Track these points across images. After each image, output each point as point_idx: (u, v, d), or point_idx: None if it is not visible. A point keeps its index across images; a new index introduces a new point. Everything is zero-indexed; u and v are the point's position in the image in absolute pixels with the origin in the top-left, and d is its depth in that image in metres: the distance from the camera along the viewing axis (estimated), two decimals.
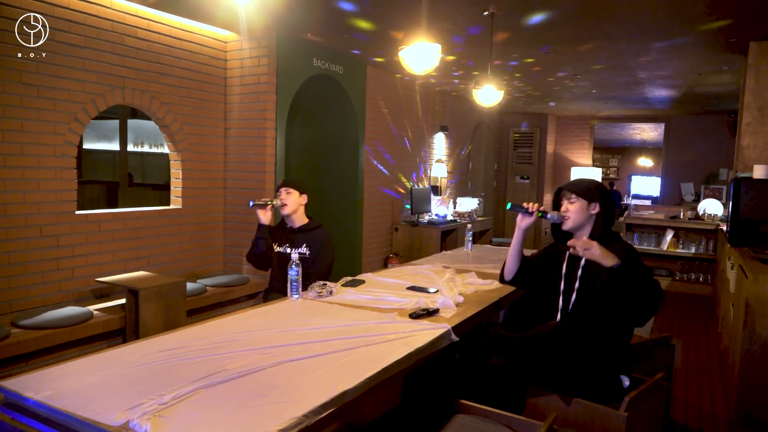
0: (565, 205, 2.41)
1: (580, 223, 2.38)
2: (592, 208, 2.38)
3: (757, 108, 4.60)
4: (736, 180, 4.45)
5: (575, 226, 2.39)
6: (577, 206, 2.38)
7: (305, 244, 3.28)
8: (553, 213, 2.45)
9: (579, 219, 2.38)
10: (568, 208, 2.40)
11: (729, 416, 3.33)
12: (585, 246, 2.12)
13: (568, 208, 2.39)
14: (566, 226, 2.40)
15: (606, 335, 2.23)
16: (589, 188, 2.40)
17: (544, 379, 2.23)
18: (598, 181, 2.51)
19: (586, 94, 7.77)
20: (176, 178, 4.72)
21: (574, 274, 2.38)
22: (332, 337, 2.10)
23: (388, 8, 4.06)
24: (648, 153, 16.33)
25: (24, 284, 3.59)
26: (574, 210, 2.38)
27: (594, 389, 2.16)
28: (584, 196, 2.37)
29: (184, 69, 4.57)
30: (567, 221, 2.40)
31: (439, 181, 8.01)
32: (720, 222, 6.71)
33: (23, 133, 3.51)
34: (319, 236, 3.31)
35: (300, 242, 3.29)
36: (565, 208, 2.41)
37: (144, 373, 1.72)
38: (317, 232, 3.33)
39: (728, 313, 4.11)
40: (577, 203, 2.38)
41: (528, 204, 2.49)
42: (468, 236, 4.45)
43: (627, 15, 4.07)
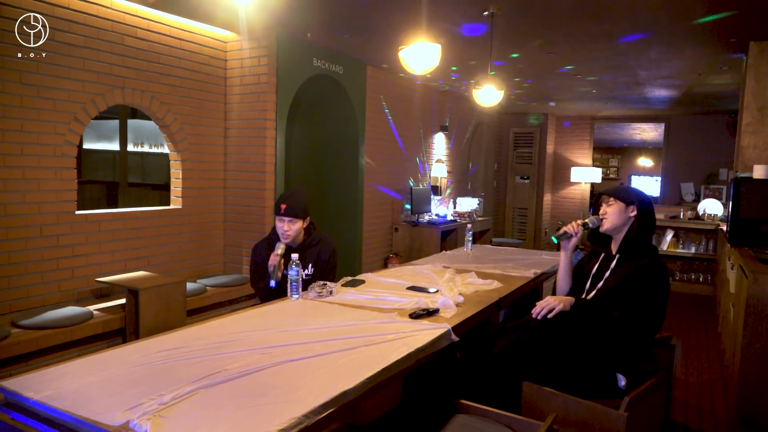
0: (603, 207, 2.48)
1: (617, 225, 2.44)
2: (630, 211, 2.42)
3: (757, 108, 4.60)
4: (736, 180, 4.45)
5: (612, 227, 2.45)
6: (614, 208, 2.43)
7: (311, 263, 3.03)
8: (591, 218, 2.52)
9: (616, 221, 2.43)
10: (606, 210, 2.46)
11: (729, 416, 3.33)
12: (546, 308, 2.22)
13: (606, 210, 2.46)
14: (603, 227, 2.47)
15: (607, 332, 2.24)
16: (627, 191, 2.47)
17: (540, 372, 2.24)
18: (641, 191, 2.58)
19: (586, 94, 7.77)
20: (176, 178, 4.72)
21: (602, 275, 2.44)
22: (332, 337, 2.10)
23: (389, 8, 4.06)
24: (648, 153, 16.32)
25: (24, 284, 3.59)
26: (611, 212, 2.44)
27: (588, 385, 2.17)
28: (621, 198, 2.43)
29: (184, 69, 4.57)
30: (604, 222, 2.46)
31: (439, 181, 8.01)
32: (720, 222, 6.71)
33: (23, 133, 3.51)
34: (324, 250, 3.06)
35: (305, 262, 3.00)
36: (603, 210, 2.47)
37: (144, 373, 1.72)
38: (320, 247, 3.06)
39: (728, 313, 4.10)
40: (615, 205, 2.44)
41: (568, 227, 2.56)
42: (468, 236, 4.45)
43: (627, 15, 4.07)
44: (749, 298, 3.08)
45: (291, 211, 2.90)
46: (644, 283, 2.26)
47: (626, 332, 2.23)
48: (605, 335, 2.24)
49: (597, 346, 2.25)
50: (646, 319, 2.24)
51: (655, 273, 2.28)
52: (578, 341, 2.26)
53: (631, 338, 2.25)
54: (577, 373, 2.20)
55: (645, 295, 2.25)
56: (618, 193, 2.45)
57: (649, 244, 2.43)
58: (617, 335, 2.24)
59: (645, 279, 2.27)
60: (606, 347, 2.24)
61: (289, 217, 2.91)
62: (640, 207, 2.42)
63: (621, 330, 2.23)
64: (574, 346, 2.26)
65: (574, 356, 2.24)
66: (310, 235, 3.07)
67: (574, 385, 2.18)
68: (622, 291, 2.29)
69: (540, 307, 2.26)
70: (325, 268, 3.04)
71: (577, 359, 2.23)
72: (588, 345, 2.25)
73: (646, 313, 2.24)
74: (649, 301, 2.24)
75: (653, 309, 2.25)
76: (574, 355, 2.24)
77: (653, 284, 2.27)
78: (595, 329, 2.25)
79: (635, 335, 2.25)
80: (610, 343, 2.25)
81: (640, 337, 2.26)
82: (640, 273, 2.29)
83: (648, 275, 2.28)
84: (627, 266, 2.36)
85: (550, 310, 2.23)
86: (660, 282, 2.29)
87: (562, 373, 2.21)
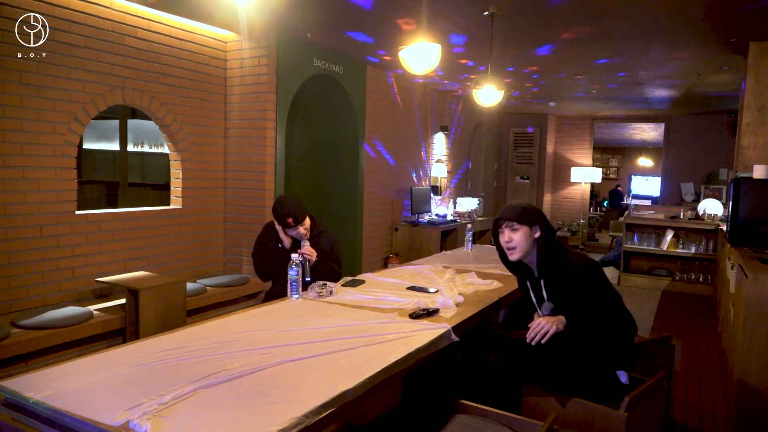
0: (507, 233, 2.33)
1: (528, 250, 2.32)
2: (534, 232, 2.31)
3: (757, 108, 4.60)
4: (736, 180, 4.45)
5: (523, 255, 2.33)
6: (520, 234, 2.31)
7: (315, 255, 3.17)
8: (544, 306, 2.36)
9: (524, 246, 2.31)
10: (511, 237, 2.32)
11: (729, 416, 3.33)
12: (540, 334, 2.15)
13: (512, 237, 2.32)
14: (513, 256, 2.34)
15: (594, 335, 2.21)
16: (528, 212, 2.32)
17: (541, 377, 2.24)
18: (527, 201, 2.46)
19: (586, 94, 7.78)
20: (176, 178, 4.72)
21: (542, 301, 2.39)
22: (332, 337, 2.10)
23: (388, 8, 4.06)
24: (648, 153, 16.33)
25: (24, 284, 3.59)
26: (518, 238, 2.31)
27: (591, 387, 2.16)
28: (524, 222, 2.30)
29: (184, 69, 4.57)
30: (513, 252, 2.33)
31: (439, 181, 8.01)
32: (720, 222, 6.71)
33: (23, 133, 3.51)
34: (326, 240, 3.24)
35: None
36: (508, 237, 2.33)
37: (144, 373, 1.72)
38: (323, 238, 3.25)
39: (728, 313, 4.10)
40: (521, 230, 2.30)
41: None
42: (468, 236, 4.45)
43: (627, 15, 4.07)
44: (749, 298, 3.07)
45: (298, 218, 3.11)
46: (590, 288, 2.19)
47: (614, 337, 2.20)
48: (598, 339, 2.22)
49: (593, 348, 2.22)
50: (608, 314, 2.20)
51: (587, 276, 2.21)
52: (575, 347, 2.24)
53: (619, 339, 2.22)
54: (577, 376, 2.19)
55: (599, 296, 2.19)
56: (520, 217, 2.30)
57: (559, 250, 2.32)
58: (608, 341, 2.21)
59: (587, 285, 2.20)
60: (602, 348, 2.22)
61: (301, 225, 3.13)
62: (543, 226, 2.31)
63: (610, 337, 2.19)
64: (571, 352, 2.24)
65: (573, 361, 2.22)
66: (314, 227, 3.27)
67: (576, 388, 2.17)
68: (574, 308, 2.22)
69: (534, 332, 2.18)
70: (329, 255, 3.21)
71: (575, 364, 2.21)
72: (584, 349, 2.23)
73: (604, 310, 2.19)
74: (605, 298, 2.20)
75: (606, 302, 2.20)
76: (572, 361, 2.22)
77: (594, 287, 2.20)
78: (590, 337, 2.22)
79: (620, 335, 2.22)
80: (605, 344, 2.23)
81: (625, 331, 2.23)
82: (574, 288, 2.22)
83: (583, 284, 2.20)
84: (556, 286, 2.29)
85: (545, 334, 2.16)
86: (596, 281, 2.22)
87: (562, 377, 2.20)
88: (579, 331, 2.19)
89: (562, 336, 2.19)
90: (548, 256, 2.30)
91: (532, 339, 2.18)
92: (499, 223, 2.38)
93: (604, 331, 2.19)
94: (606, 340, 2.20)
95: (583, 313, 2.19)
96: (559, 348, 2.23)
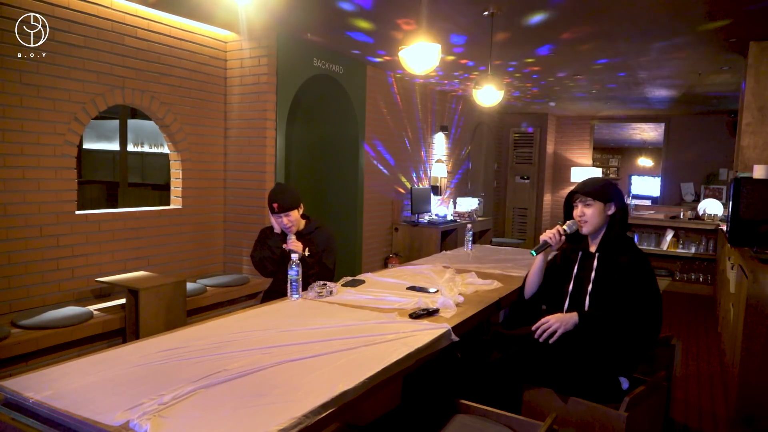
0: (581, 208, 2.34)
1: (598, 226, 2.33)
2: (608, 209, 2.32)
3: (757, 108, 4.60)
4: (736, 180, 4.45)
5: (593, 230, 2.34)
6: (593, 209, 2.31)
7: (308, 248, 3.22)
8: (569, 224, 2.38)
9: (596, 222, 2.32)
10: (584, 212, 2.33)
11: (729, 416, 3.33)
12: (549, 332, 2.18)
13: (584, 212, 2.33)
14: (585, 230, 2.35)
15: (609, 337, 2.21)
16: (604, 188, 2.33)
17: (543, 377, 2.23)
18: (609, 179, 2.47)
19: (586, 94, 7.77)
20: (176, 178, 4.72)
21: (586, 276, 2.34)
22: (332, 337, 2.10)
23: (388, 8, 4.06)
24: (648, 153, 16.32)
25: (24, 284, 3.59)
26: (590, 213, 2.32)
27: (592, 390, 2.16)
28: (600, 198, 2.31)
29: (184, 69, 4.57)
30: (585, 225, 2.33)
31: (439, 181, 8.01)
32: (720, 222, 6.71)
33: (23, 133, 3.51)
34: (321, 236, 3.28)
35: (303, 246, 3.22)
36: (581, 212, 2.34)
37: (144, 373, 1.72)
38: (318, 234, 3.29)
39: (728, 313, 4.10)
40: (594, 206, 2.31)
41: (549, 237, 2.41)
42: (468, 236, 4.45)
43: (627, 15, 4.07)
44: (749, 298, 3.07)
45: (283, 206, 3.12)
46: (636, 280, 2.20)
47: (636, 334, 2.18)
48: (609, 341, 2.20)
49: (600, 351, 2.22)
50: (651, 315, 2.19)
51: (643, 267, 2.22)
52: (580, 348, 2.24)
53: (641, 339, 2.20)
54: (579, 379, 2.18)
55: (642, 292, 2.19)
56: (596, 192, 2.32)
57: (628, 238, 2.36)
58: (626, 340, 2.19)
59: (636, 275, 2.21)
60: (609, 352, 2.22)
61: (284, 212, 3.12)
62: (618, 204, 2.32)
63: (632, 334, 2.17)
64: (577, 353, 2.24)
65: (576, 362, 2.22)
66: (309, 223, 3.30)
67: (577, 388, 2.17)
68: (615, 292, 2.23)
69: (542, 330, 2.19)
70: (323, 250, 3.23)
71: (579, 365, 2.21)
72: (590, 351, 2.22)
73: (649, 309, 2.18)
74: (647, 296, 2.19)
75: (654, 302, 2.20)
76: (576, 361, 2.22)
77: (644, 278, 2.20)
78: (601, 339, 2.20)
79: (643, 335, 2.20)
80: (612, 348, 2.21)
81: (648, 335, 2.21)
82: (628, 271, 2.22)
83: (637, 271, 2.21)
84: (610, 265, 2.29)
85: (553, 333, 2.17)
86: (649, 274, 2.23)
87: (564, 379, 2.20)
88: (609, 317, 2.18)
89: (571, 333, 2.19)
90: (615, 236, 2.30)
91: (539, 336, 2.18)
92: (574, 197, 2.39)
93: (633, 324, 2.17)
94: (630, 335, 2.18)
95: (623, 300, 2.18)
96: (565, 346, 2.23)
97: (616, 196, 2.32)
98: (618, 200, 2.33)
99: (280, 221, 3.15)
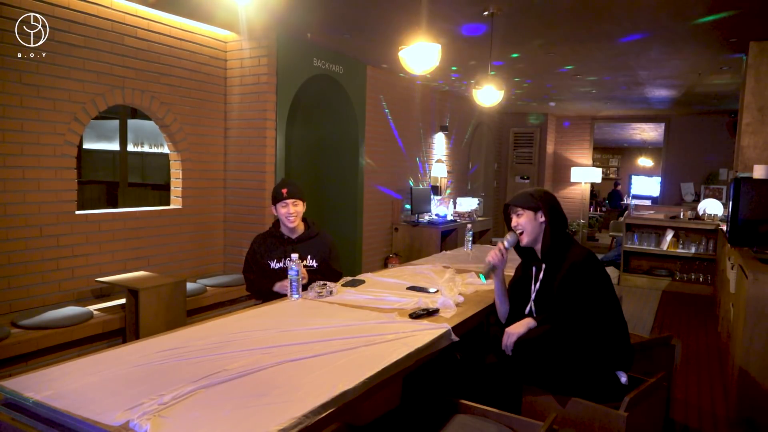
0: (514, 219, 2.40)
1: (535, 235, 2.37)
2: (540, 217, 2.35)
3: (757, 108, 4.60)
4: (736, 180, 4.45)
5: (532, 239, 2.37)
6: (524, 218, 2.36)
7: (310, 255, 3.06)
8: (508, 239, 2.42)
9: (530, 230, 2.36)
10: (517, 222, 2.39)
11: (729, 416, 3.33)
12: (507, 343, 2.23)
13: (518, 222, 2.38)
14: (523, 240, 2.39)
15: (586, 335, 2.20)
16: (531, 196, 2.37)
17: (540, 377, 2.23)
18: (541, 189, 2.47)
19: (586, 94, 7.77)
20: (176, 178, 4.72)
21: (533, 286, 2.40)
22: (332, 337, 2.10)
23: (388, 8, 4.06)
24: (648, 153, 16.34)
25: (24, 284, 3.59)
26: (523, 223, 2.37)
27: (590, 387, 2.16)
28: (528, 207, 2.36)
29: (184, 69, 4.57)
30: (522, 236, 2.38)
31: (439, 181, 8.01)
32: (720, 222, 6.71)
33: (23, 133, 3.51)
34: (323, 242, 3.13)
35: (304, 253, 3.03)
36: (515, 222, 2.40)
37: (144, 373, 1.72)
38: (319, 239, 3.13)
39: (728, 313, 4.10)
40: (524, 215, 2.36)
41: (491, 257, 2.43)
42: (468, 236, 4.44)
43: (627, 15, 4.07)
44: (749, 298, 3.07)
45: (293, 193, 3.00)
46: (577, 284, 2.19)
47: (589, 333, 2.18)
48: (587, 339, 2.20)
49: (589, 348, 2.21)
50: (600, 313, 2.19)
51: (584, 269, 2.21)
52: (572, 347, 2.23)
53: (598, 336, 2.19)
54: (575, 376, 2.18)
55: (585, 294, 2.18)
56: (523, 201, 2.36)
57: (565, 240, 2.34)
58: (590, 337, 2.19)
59: (576, 279, 2.20)
60: (599, 348, 2.21)
61: (293, 199, 3.00)
62: (549, 211, 2.33)
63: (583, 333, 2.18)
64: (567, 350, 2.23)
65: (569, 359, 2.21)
66: (309, 227, 3.15)
67: (575, 388, 2.17)
68: (558, 300, 2.23)
69: (504, 345, 2.25)
70: (329, 257, 3.12)
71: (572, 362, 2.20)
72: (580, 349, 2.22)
73: (596, 308, 2.18)
74: (590, 296, 2.18)
75: (600, 301, 2.20)
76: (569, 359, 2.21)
77: (587, 280, 2.20)
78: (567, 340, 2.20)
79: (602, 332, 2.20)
80: (601, 344, 2.21)
81: (608, 331, 2.22)
82: (566, 277, 2.23)
83: (582, 272, 2.21)
84: (554, 271, 2.32)
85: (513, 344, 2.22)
86: (593, 274, 2.21)
87: (561, 376, 2.19)
88: (565, 325, 2.19)
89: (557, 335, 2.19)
90: (553, 243, 2.32)
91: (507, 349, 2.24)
92: (508, 209, 2.45)
93: (589, 327, 2.17)
94: (591, 338, 2.18)
95: (571, 307, 2.18)
96: (556, 348, 2.23)
97: (545, 205, 2.34)
98: (548, 207, 2.34)
99: (287, 210, 2.99)
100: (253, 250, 3.11)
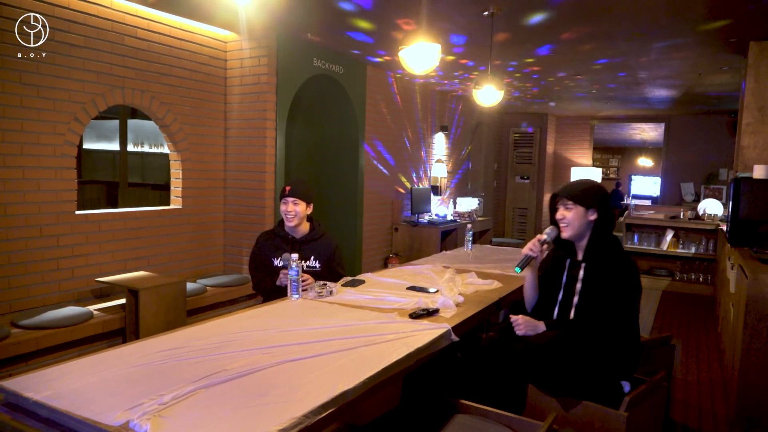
0: (561, 211, 2.28)
1: (580, 231, 2.26)
2: (590, 215, 2.23)
3: (757, 108, 4.60)
4: (736, 180, 4.45)
5: (575, 234, 2.27)
6: (573, 213, 2.24)
7: (313, 256, 3.07)
8: (547, 231, 2.33)
9: (576, 226, 2.25)
10: (564, 215, 2.26)
11: (729, 416, 3.33)
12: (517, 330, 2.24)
13: (564, 215, 2.26)
14: (565, 234, 2.28)
15: (603, 343, 2.19)
16: (586, 193, 2.25)
17: (544, 384, 2.22)
18: (597, 182, 2.37)
19: (586, 94, 7.77)
20: (176, 178, 4.72)
21: (574, 286, 2.33)
22: (332, 337, 2.10)
23: (388, 8, 4.06)
24: (648, 153, 16.34)
25: (24, 284, 3.59)
26: (570, 217, 2.24)
27: (595, 395, 2.14)
28: (581, 202, 2.23)
29: (184, 69, 4.57)
30: (565, 229, 2.27)
31: (439, 181, 8.01)
32: (720, 222, 6.71)
33: (23, 133, 3.51)
34: (328, 244, 3.13)
35: (307, 254, 3.06)
36: (561, 214, 2.27)
37: (144, 373, 1.72)
38: (323, 241, 3.13)
39: (728, 313, 4.10)
40: (574, 210, 2.24)
41: (529, 249, 2.34)
42: (468, 236, 4.44)
43: (627, 15, 4.07)
44: (749, 298, 3.07)
45: (294, 192, 3.00)
46: (617, 289, 2.17)
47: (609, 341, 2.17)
48: (599, 346, 2.18)
49: (600, 356, 2.20)
50: (623, 324, 2.17)
51: (626, 276, 2.18)
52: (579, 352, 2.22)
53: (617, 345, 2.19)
54: (581, 383, 2.17)
55: (619, 301, 2.16)
56: (576, 196, 2.23)
57: (614, 244, 2.26)
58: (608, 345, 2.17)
59: (617, 285, 2.17)
60: (609, 356, 2.20)
61: (292, 198, 2.99)
62: (601, 209, 2.23)
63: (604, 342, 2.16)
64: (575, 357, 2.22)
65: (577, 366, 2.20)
66: (314, 229, 3.15)
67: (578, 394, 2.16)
68: (600, 304, 2.20)
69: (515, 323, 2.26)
70: (333, 259, 3.12)
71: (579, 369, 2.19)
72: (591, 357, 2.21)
73: (622, 318, 2.17)
74: (622, 305, 2.16)
75: (628, 312, 2.18)
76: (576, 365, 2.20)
77: (625, 288, 2.17)
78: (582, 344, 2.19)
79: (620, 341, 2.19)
80: (605, 352, 2.19)
81: (626, 341, 2.20)
82: (611, 280, 2.19)
83: (619, 280, 2.17)
84: (596, 275, 2.24)
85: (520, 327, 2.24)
86: (632, 284, 2.19)
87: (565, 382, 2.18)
88: (591, 327, 2.17)
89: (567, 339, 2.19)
90: (599, 243, 2.23)
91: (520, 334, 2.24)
92: (556, 199, 2.33)
93: (613, 334, 2.16)
94: (611, 344, 2.17)
95: (606, 311, 2.16)
96: (563, 353, 2.22)
97: (598, 202, 2.24)
98: (601, 206, 2.24)
99: (286, 208, 3.01)
100: (258, 247, 3.15)
